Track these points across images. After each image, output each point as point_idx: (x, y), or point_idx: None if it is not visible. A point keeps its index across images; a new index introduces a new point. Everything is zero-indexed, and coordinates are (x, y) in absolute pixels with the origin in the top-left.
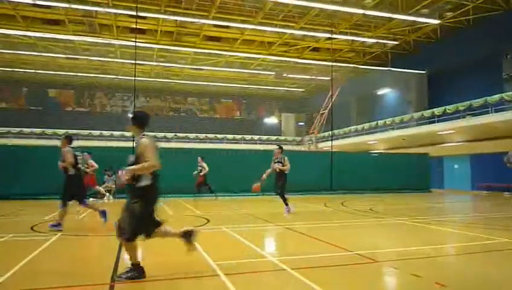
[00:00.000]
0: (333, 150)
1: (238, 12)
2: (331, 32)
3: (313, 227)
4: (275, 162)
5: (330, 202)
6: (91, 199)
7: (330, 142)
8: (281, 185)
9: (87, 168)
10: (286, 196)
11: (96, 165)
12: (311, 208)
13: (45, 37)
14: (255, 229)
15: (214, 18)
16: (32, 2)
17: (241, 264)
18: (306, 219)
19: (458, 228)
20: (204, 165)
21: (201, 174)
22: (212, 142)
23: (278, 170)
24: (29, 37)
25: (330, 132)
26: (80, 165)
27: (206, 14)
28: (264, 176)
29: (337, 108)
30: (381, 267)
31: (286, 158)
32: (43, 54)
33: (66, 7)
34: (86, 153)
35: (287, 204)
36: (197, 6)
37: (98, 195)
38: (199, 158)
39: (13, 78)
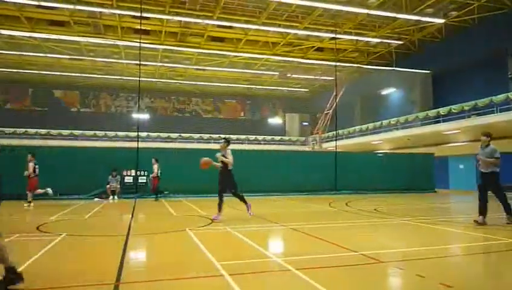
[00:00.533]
0: (337, 150)
1: (241, 13)
2: (335, 32)
3: (317, 227)
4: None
5: (334, 202)
6: (96, 199)
7: (334, 142)
8: (229, 183)
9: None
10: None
11: (31, 169)
12: (315, 208)
13: (50, 38)
14: (259, 229)
15: (218, 18)
16: (36, 4)
17: (245, 265)
18: (310, 219)
19: (463, 228)
20: (155, 167)
21: (152, 176)
22: (216, 143)
23: (220, 163)
24: (34, 38)
25: (334, 132)
26: None
27: (210, 14)
28: (216, 164)
29: (342, 108)
30: (386, 268)
31: (229, 151)
32: (48, 55)
33: (70, 8)
34: (29, 155)
35: (245, 202)
36: (201, 6)
37: (103, 195)
38: (153, 160)
39: (18, 79)
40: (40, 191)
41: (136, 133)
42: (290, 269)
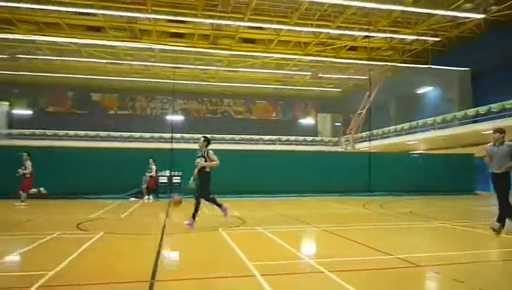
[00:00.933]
0: (371, 150)
1: (273, 14)
2: (369, 30)
3: (350, 229)
4: (198, 157)
5: (368, 204)
6: (132, 199)
7: (368, 142)
8: (203, 187)
9: (25, 169)
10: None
11: (30, 168)
12: (349, 210)
13: (89, 44)
14: (291, 230)
15: (249, 20)
16: (76, 10)
17: (277, 266)
18: (344, 221)
19: (504, 233)
20: (153, 167)
21: (149, 174)
22: (248, 143)
23: (199, 167)
24: (74, 43)
25: (368, 132)
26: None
27: (241, 16)
28: (191, 180)
29: (376, 108)
30: (422, 272)
31: (211, 152)
32: (87, 59)
33: (107, 14)
34: (25, 154)
35: (219, 205)
36: (233, 8)
37: (139, 195)
38: (150, 160)
39: (59, 83)
40: (34, 190)
41: (170, 135)
42: (322, 271)
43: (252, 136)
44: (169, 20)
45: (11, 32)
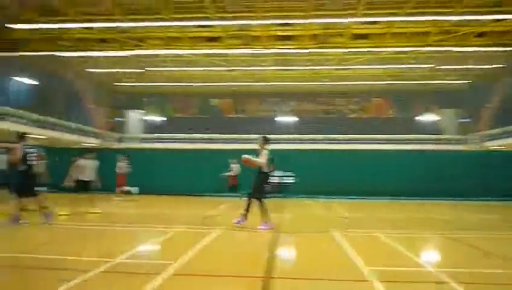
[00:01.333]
0: (505, 149)
1: (386, 6)
2: (499, 12)
3: (480, 238)
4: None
5: (503, 210)
6: (245, 198)
7: (501, 140)
8: (257, 186)
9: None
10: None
11: (120, 168)
12: (479, 215)
13: (207, 53)
14: (410, 235)
15: (362, 15)
16: (196, 24)
17: (396, 272)
18: (473, 227)
19: None
20: (234, 167)
21: (228, 174)
22: (361, 143)
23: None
24: (195, 54)
25: (501, 129)
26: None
27: (352, 12)
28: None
29: (510, 100)
30: None
31: (265, 152)
32: (205, 68)
33: (224, 24)
34: (121, 156)
35: (246, 212)
36: (343, 5)
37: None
38: (234, 160)
39: (183, 91)
40: (126, 188)
41: (282, 136)
42: (447, 282)
43: (366, 135)
44: (277, 24)
45: (141, 49)
